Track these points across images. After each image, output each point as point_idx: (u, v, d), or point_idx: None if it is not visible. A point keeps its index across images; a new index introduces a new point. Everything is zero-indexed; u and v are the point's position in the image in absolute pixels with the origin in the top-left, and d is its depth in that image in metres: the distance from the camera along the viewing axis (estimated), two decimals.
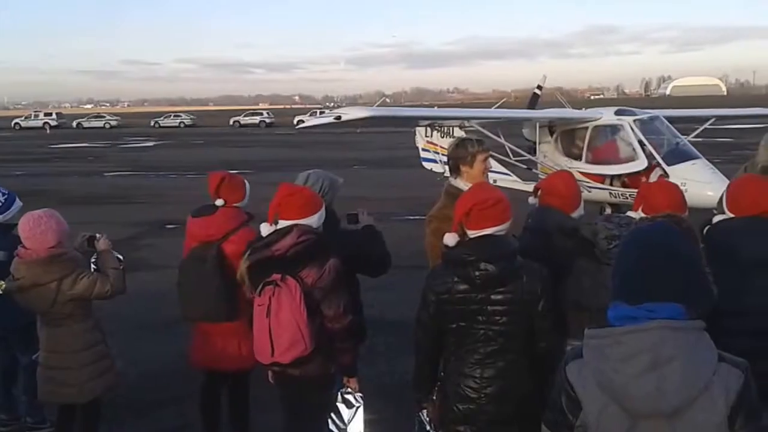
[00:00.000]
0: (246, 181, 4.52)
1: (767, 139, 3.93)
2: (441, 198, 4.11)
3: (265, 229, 3.52)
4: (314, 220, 3.55)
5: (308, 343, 3.34)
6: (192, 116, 73.78)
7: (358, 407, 3.61)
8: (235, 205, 4.35)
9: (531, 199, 3.80)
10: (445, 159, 14.31)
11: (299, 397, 3.63)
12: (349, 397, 3.61)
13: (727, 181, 4.25)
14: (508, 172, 13.21)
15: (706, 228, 3.39)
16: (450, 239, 3.00)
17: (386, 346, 6.20)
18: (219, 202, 4.30)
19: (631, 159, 10.92)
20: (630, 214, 3.49)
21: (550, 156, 12.27)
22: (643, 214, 3.33)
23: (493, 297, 2.94)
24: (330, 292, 3.46)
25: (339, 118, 11.21)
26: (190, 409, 4.86)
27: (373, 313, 7.21)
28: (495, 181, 13.41)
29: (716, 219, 3.44)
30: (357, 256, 3.84)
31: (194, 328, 4.43)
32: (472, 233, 2.99)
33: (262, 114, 69.86)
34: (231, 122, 66.63)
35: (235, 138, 47.10)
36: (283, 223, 3.49)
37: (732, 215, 3.35)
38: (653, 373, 1.82)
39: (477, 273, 2.92)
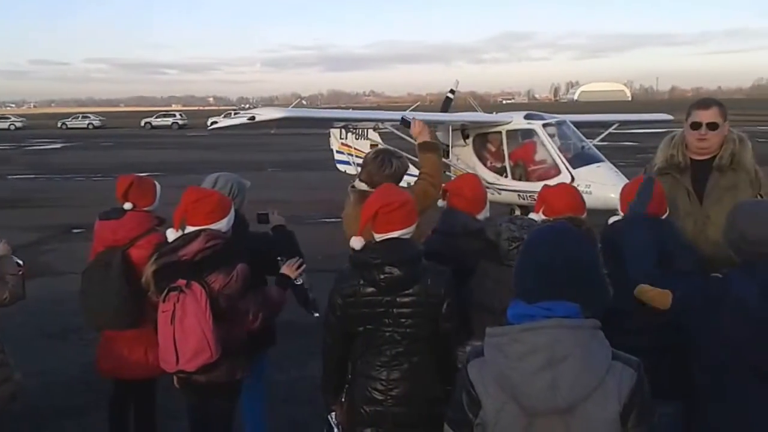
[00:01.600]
0: (157, 184, 4.41)
1: (665, 142, 4.09)
2: (349, 202, 4.14)
3: (172, 235, 3.44)
4: (223, 225, 3.49)
5: (214, 350, 3.28)
6: (101, 117, 71.47)
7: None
8: (144, 209, 4.22)
9: (440, 202, 3.84)
10: (359, 161, 14.40)
11: (205, 404, 3.56)
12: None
13: None
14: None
15: (603, 229, 3.54)
16: (356, 242, 3.01)
17: (299, 350, 6.17)
18: (127, 205, 4.17)
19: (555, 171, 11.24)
20: (532, 216, 3.59)
21: (464, 159, 12.52)
22: (544, 216, 3.42)
23: (398, 300, 2.96)
24: (237, 298, 3.41)
25: (253, 118, 11.10)
26: (93, 419, 4.70)
27: (285, 318, 7.22)
28: (408, 183, 13.59)
29: (611, 220, 3.59)
30: (268, 259, 3.80)
31: (100, 336, 4.29)
32: (379, 236, 3.01)
33: (174, 115, 68.25)
34: (142, 124, 64.94)
35: (147, 140, 45.93)
36: (190, 229, 3.42)
37: (623, 215, 3.50)
38: (548, 371, 1.86)
39: (382, 276, 2.93)
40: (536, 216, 3.51)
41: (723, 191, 3.78)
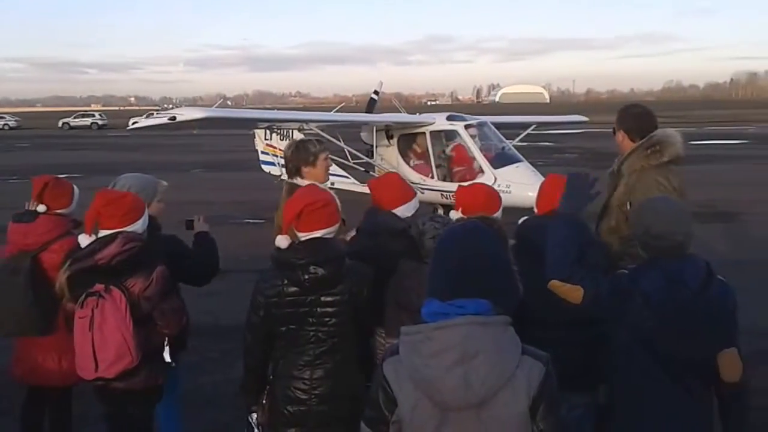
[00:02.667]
0: (75, 186, 4.28)
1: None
2: (283, 198, 4.07)
3: (85, 239, 3.34)
4: (138, 226, 3.42)
5: (135, 356, 3.22)
6: (17, 118, 68.52)
7: None
8: (59, 211, 4.05)
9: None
10: (284, 162, 14.36)
11: (124, 411, 3.47)
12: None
13: None
14: (347, 175, 13.48)
15: (516, 227, 3.67)
16: (282, 241, 3.01)
17: (222, 352, 6.13)
18: (41, 208, 3.99)
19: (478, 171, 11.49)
20: (450, 214, 3.68)
21: (388, 159, 12.65)
22: (461, 215, 3.50)
23: (322, 299, 2.98)
24: (157, 301, 3.36)
25: (174, 118, 10.91)
26: (5, 424, 4.54)
27: (208, 320, 7.15)
28: (333, 183, 13.64)
29: (521, 219, 3.71)
30: (179, 264, 3.72)
31: (15, 341, 4.15)
32: (303, 236, 3.02)
33: (94, 115, 66.38)
34: (60, 124, 62.79)
35: (65, 141, 44.35)
36: (104, 233, 3.33)
37: (536, 213, 3.65)
38: (461, 367, 1.90)
39: (306, 276, 2.95)
40: (454, 214, 3.59)
41: (608, 193, 4.07)
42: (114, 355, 3.18)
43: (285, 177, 4.41)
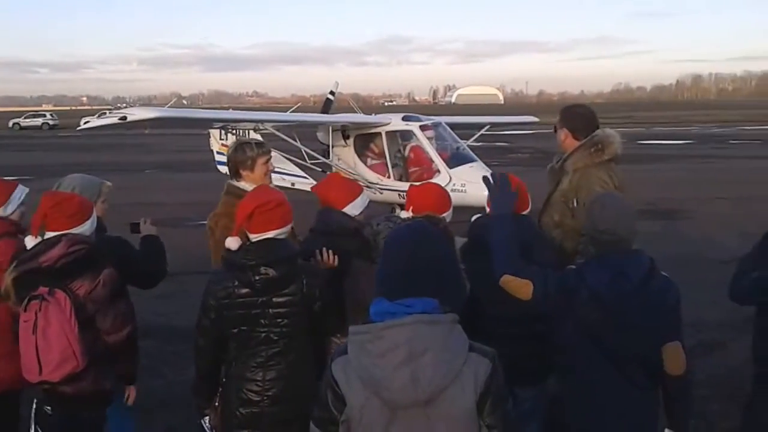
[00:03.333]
0: (21, 187, 4.16)
1: None
2: (222, 198, 4.04)
3: (31, 242, 3.27)
4: (86, 228, 3.35)
5: (80, 359, 3.14)
6: None
7: None
8: None
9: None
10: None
11: (73, 416, 3.39)
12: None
13: None
14: (306, 176, 13.46)
15: (468, 225, 3.73)
16: (233, 243, 2.99)
17: (175, 354, 6.07)
18: None
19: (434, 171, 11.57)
20: (401, 214, 3.72)
21: (344, 159, 12.67)
22: (412, 214, 3.52)
23: (274, 300, 2.97)
24: (105, 304, 3.29)
25: (124, 118, 10.71)
26: None
27: (161, 322, 7.08)
28: (293, 184, 13.63)
29: (474, 217, 3.78)
30: (126, 267, 3.65)
31: None
32: (254, 237, 3.00)
33: (45, 115, 64.72)
34: (10, 125, 61.14)
35: (15, 141, 43.15)
36: (50, 235, 3.26)
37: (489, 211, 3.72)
38: (409, 365, 1.92)
39: (257, 277, 2.93)
40: (405, 214, 3.61)
41: (552, 190, 4.21)
42: (58, 358, 3.11)
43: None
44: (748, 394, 3.93)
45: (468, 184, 10.83)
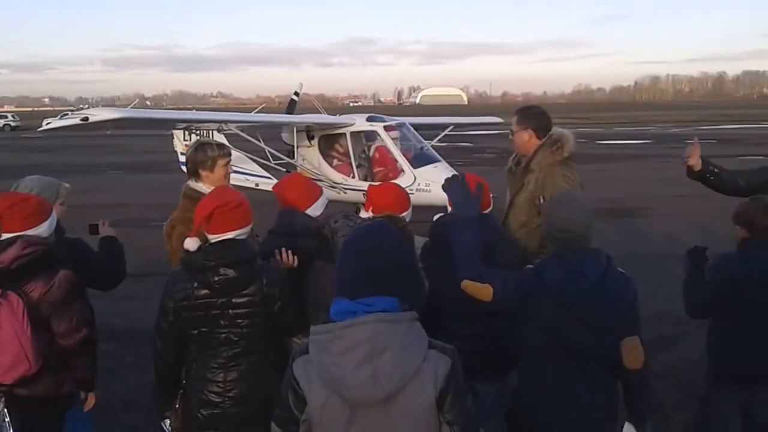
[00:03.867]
0: None
1: None
2: (181, 201, 4.01)
3: None
4: (43, 229, 3.31)
5: (33, 362, 3.10)
6: None
7: None
8: None
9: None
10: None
11: (30, 418, 3.35)
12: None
13: None
14: (270, 176, 13.42)
15: (431, 224, 3.78)
16: (191, 244, 2.96)
17: (138, 356, 6.02)
18: None
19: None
20: (361, 214, 3.74)
21: (309, 159, 12.66)
22: (372, 214, 3.53)
23: (234, 301, 2.95)
24: (60, 306, 3.24)
25: (86, 119, 10.56)
26: None
27: (125, 324, 7.01)
28: (257, 184, 13.57)
29: (436, 216, 3.81)
30: (84, 268, 3.61)
31: None
32: (213, 237, 2.98)
33: (6, 116, 63.04)
34: None
35: None
36: (7, 236, 3.22)
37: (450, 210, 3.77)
38: (369, 364, 1.93)
39: (217, 278, 2.92)
40: (365, 214, 3.63)
41: (518, 189, 4.26)
42: (10, 361, 3.06)
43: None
44: (704, 388, 4.07)
45: (432, 184, 10.94)
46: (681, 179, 5.00)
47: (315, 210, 3.67)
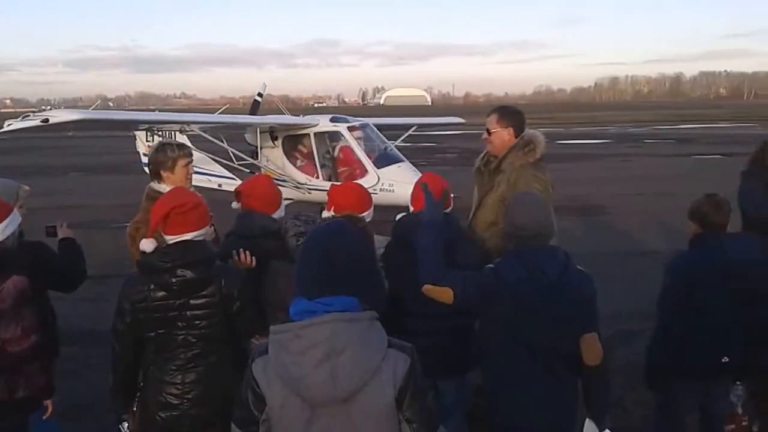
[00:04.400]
0: None
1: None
2: (144, 203, 3.98)
3: None
4: None
5: None
6: None
7: None
8: None
9: (234, 204, 3.78)
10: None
11: None
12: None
13: None
14: (234, 177, 13.34)
15: (393, 224, 3.77)
16: (148, 245, 2.92)
17: (99, 358, 5.93)
18: None
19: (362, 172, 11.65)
20: (323, 214, 3.74)
21: (273, 160, 12.62)
22: (333, 214, 3.53)
23: (192, 302, 2.93)
24: (7, 313, 3.15)
25: (47, 120, 10.38)
26: None
27: (87, 325, 6.92)
28: (220, 185, 13.47)
29: (399, 216, 3.83)
30: (44, 271, 3.56)
31: None
32: (171, 239, 2.95)
33: None
34: None
35: None
36: None
37: (413, 210, 3.78)
38: (328, 363, 1.93)
39: (174, 279, 2.89)
40: (327, 213, 3.63)
41: (489, 189, 4.31)
42: None
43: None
44: (660, 385, 4.15)
45: (396, 184, 11.00)
46: (639, 178, 5.12)
47: (279, 213, 3.67)
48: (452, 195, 3.88)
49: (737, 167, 5.41)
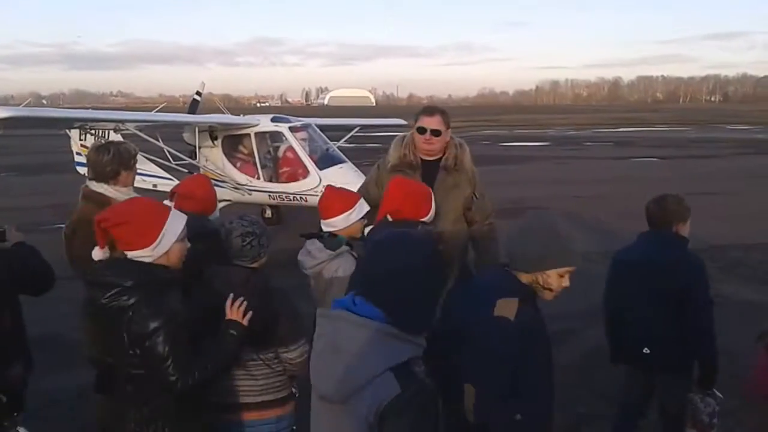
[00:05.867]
0: None
1: (396, 142, 4.44)
2: (80, 204, 3.85)
3: None
4: None
5: None
6: None
7: None
8: None
9: (166, 202, 3.62)
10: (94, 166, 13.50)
11: None
12: None
13: None
14: (171, 177, 13.05)
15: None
16: (99, 254, 2.75)
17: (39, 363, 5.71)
18: None
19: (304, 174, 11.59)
20: (323, 225, 3.72)
21: (213, 160, 12.39)
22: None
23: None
24: None
25: None
26: None
27: (51, 330, 6.64)
28: (155, 185, 13.16)
29: (368, 229, 3.77)
30: (17, 277, 3.36)
31: None
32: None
33: None
34: None
35: None
36: None
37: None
38: (327, 356, 1.96)
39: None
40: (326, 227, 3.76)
41: (449, 189, 4.25)
42: None
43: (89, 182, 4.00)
44: (600, 380, 4.24)
45: (338, 185, 10.91)
46: (577, 181, 5.18)
47: (215, 214, 3.65)
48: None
49: (673, 170, 5.53)
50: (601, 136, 43.78)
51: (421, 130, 4.24)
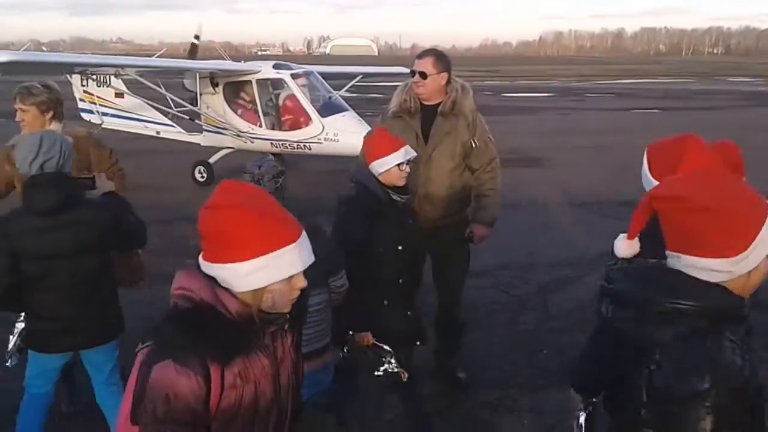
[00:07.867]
0: None
1: (399, 89, 4.43)
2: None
3: None
4: None
5: None
6: None
7: None
8: None
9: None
10: (104, 110, 13.34)
11: None
12: None
13: None
14: (172, 124, 13.02)
15: None
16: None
17: None
18: None
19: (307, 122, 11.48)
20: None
21: (214, 107, 12.32)
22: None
23: None
24: None
25: None
26: None
27: None
28: (159, 132, 13.13)
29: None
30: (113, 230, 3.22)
31: None
32: None
33: None
34: None
35: None
36: None
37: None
38: None
39: None
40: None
41: (444, 134, 4.22)
42: None
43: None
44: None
45: (340, 134, 10.92)
46: (579, 131, 5.19)
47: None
48: None
49: (674, 120, 5.53)
50: (604, 88, 43.38)
51: (412, 73, 4.25)
